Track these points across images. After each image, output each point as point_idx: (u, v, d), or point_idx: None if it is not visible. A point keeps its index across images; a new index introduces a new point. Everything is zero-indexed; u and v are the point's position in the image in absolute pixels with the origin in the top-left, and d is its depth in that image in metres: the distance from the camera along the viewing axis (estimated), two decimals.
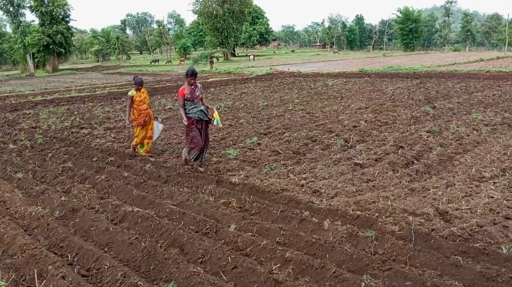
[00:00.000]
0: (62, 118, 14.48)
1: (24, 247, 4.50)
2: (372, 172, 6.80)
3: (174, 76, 34.46)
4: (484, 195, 5.62)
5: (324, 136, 9.58)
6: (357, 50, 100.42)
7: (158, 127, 8.77)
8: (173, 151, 9.07)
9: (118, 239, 4.75)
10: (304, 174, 6.99)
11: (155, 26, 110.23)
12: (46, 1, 54.44)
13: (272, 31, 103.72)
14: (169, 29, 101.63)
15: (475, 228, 4.57)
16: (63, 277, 3.84)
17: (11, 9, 55.90)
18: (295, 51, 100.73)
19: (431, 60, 39.31)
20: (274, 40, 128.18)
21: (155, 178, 7.22)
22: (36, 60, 57.16)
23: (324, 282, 3.80)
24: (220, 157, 8.26)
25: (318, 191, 6.02)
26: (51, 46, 55.18)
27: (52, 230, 5.07)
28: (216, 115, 7.69)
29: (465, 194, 5.66)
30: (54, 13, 54.36)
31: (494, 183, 6.07)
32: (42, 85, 32.34)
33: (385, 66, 31.84)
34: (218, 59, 54.81)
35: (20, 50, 56.65)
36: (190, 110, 7.43)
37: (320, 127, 10.66)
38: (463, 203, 5.38)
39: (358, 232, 4.63)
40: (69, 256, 4.48)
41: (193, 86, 7.43)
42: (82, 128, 12.44)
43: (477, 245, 4.23)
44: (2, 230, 5.02)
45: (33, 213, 5.58)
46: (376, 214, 5.13)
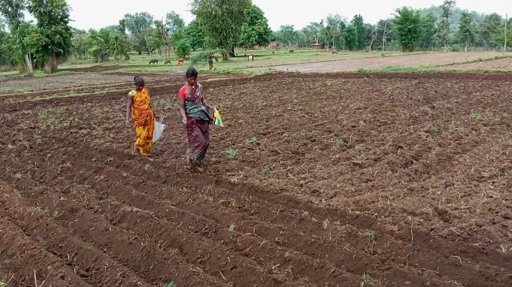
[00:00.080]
0: (61, 119, 14.47)
1: (23, 247, 4.50)
2: (371, 172, 6.80)
3: (173, 77, 34.43)
4: (483, 194, 5.63)
5: (323, 136, 9.59)
6: (355, 51, 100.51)
7: (159, 128, 8.72)
8: (172, 151, 9.07)
9: (117, 239, 4.75)
10: (303, 173, 6.99)
11: (154, 26, 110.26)
12: (44, 1, 54.40)
13: (271, 31, 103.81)
14: (168, 29, 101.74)
15: (474, 228, 4.57)
16: (63, 277, 3.84)
17: (9, 9, 55.87)
18: (294, 51, 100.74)
19: (430, 60, 39.36)
20: (273, 40, 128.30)
21: (154, 178, 7.22)
22: (34, 60, 57.12)
23: (323, 282, 3.80)
24: (219, 157, 8.26)
25: (317, 191, 6.02)
26: (49, 47, 55.15)
27: (51, 230, 5.07)
28: (217, 114, 7.68)
29: (464, 194, 5.67)
30: (52, 13, 54.34)
31: (493, 182, 6.07)
32: (40, 85, 32.30)
33: (383, 66, 31.87)
34: (217, 60, 54.80)
35: (19, 51, 56.59)
36: (190, 110, 7.41)
37: (319, 127, 10.67)
38: (462, 202, 5.39)
39: (357, 232, 4.63)
40: (68, 256, 4.48)
41: (193, 86, 7.40)
42: (81, 128, 12.43)
43: (476, 245, 4.23)
44: (1, 230, 5.02)
45: (32, 213, 5.57)
46: (375, 214, 5.14)
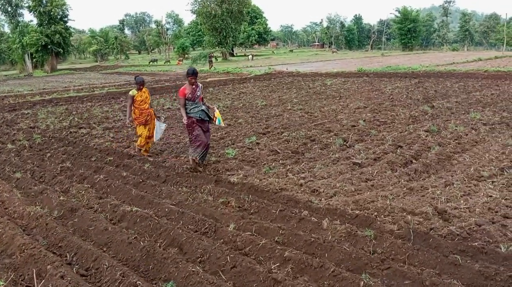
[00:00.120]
0: (61, 118, 14.46)
1: (23, 246, 4.50)
2: (370, 171, 6.80)
3: (172, 76, 34.44)
4: (482, 194, 5.63)
5: (322, 135, 9.59)
6: (355, 50, 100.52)
7: (160, 127, 8.63)
8: (171, 151, 9.07)
9: (117, 238, 4.75)
10: (303, 173, 6.99)
11: (153, 26, 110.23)
12: (44, 1, 54.38)
13: (270, 31, 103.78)
14: (167, 29, 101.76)
15: (473, 227, 4.57)
16: (62, 277, 3.84)
17: (9, 9, 55.89)
18: (293, 51, 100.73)
19: (430, 60, 39.36)
20: (273, 40, 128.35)
21: (154, 177, 7.21)
22: (34, 60, 57.14)
23: (323, 281, 3.80)
24: (219, 156, 8.26)
25: (317, 190, 6.02)
26: (49, 46, 55.16)
27: (51, 229, 5.06)
28: (218, 114, 7.65)
29: (463, 193, 5.67)
30: (52, 13, 54.33)
31: (493, 182, 6.07)
32: (40, 85, 32.29)
33: (383, 66, 31.88)
34: (216, 59, 54.80)
35: (18, 50, 56.59)
36: (191, 110, 7.36)
37: (319, 127, 10.67)
38: (462, 202, 5.39)
39: (357, 231, 4.63)
40: (68, 256, 4.47)
41: (194, 86, 7.34)
42: (80, 128, 12.43)
43: (475, 244, 4.23)
44: (0, 230, 5.01)
45: (31, 213, 5.57)
46: (375, 213, 5.14)
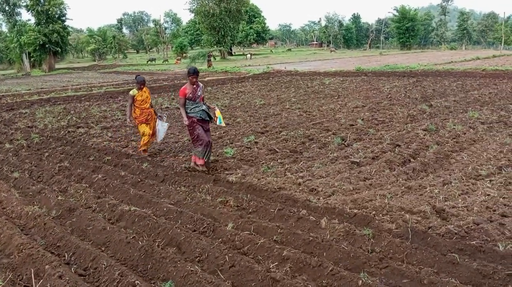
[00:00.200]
0: (59, 118, 14.43)
1: (21, 246, 4.49)
2: (369, 170, 6.81)
3: (171, 75, 34.41)
4: (480, 192, 5.64)
5: (321, 135, 9.60)
6: (353, 49, 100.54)
7: (163, 127, 8.51)
8: (170, 150, 9.06)
9: (115, 238, 4.74)
10: (301, 172, 6.99)
11: (151, 25, 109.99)
12: (42, 0, 54.23)
13: (269, 30, 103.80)
14: (165, 28, 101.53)
15: (471, 226, 4.58)
16: (60, 277, 3.83)
17: (6, 8, 55.78)
18: (292, 50, 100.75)
19: (428, 59, 39.41)
20: (271, 39, 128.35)
21: (152, 177, 7.21)
22: (32, 59, 57.01)
23: (321, 280, 3.80)
24: (217, 155, 8.25)
25: (315, 190, 6.03)
26: (47, 45, 55.04)
27: (49, 229, 5.05)
28: (218, 113, 7.59)
29: (461, 192, 5.67)
30: (50, 12, 54.22)
31: (491, 180, 6.08)
32: (38, 84, 32.22)
33: (381, 65, 31.90)
34: (215, 58, 54.76)
35: (16, 50, 56.48)
36: (191, 110, 7.24)
37: (317, 126, 10.67)
38: (460, 200, 5.40)
39: (355, 230, 4.64)
40: (66, 256, 4.47)
41: (195, 86, 7.21)
42: (78, 127, 12.40)
43: (473, 243, 4.24)
44: None
45: (29, 213, 5.56)
46: (373, 212, 5.14)
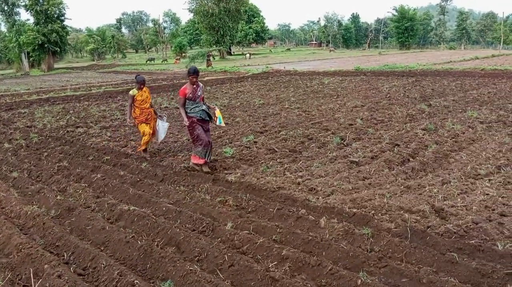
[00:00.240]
0: (58, 117, 14.42)
1: (20, 246, 4.48)
2: (368, 170, 6.81)
3: (170, 75, 34.38)
4: (479, 192, 5.65)
5: (320, 134, 9.60)
6: (353, 49, 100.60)
7: (163, 126, 8.49)
8: (169, 150, 9.06)
9: (114, 237, 4.74)
10: (301, 172, 6.99)
11: (150, 24, 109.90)
12: (41, 0, 54.20)
13: (268, 29, 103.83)
14: (164, 27, 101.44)
15: (470, 225, 4.59)
16: (59, 276, 3.83)
17: (5, 7, 55.65)
18: (291, 49, 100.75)
19: (427, 59, 39.43)
20: (270, 38, 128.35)
21: (151, 176, 7.20)
22: (31, 59, 56.95)
23: (320, 280, 3.80)
24: (217, 155, 8.24)
25: (315, 189, 6.03)
26: (46, 45, 55.00)
27: (48, 229, 5.05)
28: (219, 113, 7.57)
29: (460, 191, 5.68)
30: (49, 12, 54.17)
31: (489, 180, 6.09)
32: (37, 84, 32.18)
33: (380, 65, 31.91)
34: (214, 58, 54.76)
35: (15, 49, 56.40)
36: (191, 109, 7.22)
37: (316, 125, 10.67)
38: (459, 200, 5.40)
39: (354, 230, 4.64)
40: (65, 255, 4.46)
41: (195, 85, 7.18)
42: (77, 127, 12.39)
43: (472, 242, 4.25)
44: None
45: (28, 212, 5.55)
46: (372, 212, 5.15)
